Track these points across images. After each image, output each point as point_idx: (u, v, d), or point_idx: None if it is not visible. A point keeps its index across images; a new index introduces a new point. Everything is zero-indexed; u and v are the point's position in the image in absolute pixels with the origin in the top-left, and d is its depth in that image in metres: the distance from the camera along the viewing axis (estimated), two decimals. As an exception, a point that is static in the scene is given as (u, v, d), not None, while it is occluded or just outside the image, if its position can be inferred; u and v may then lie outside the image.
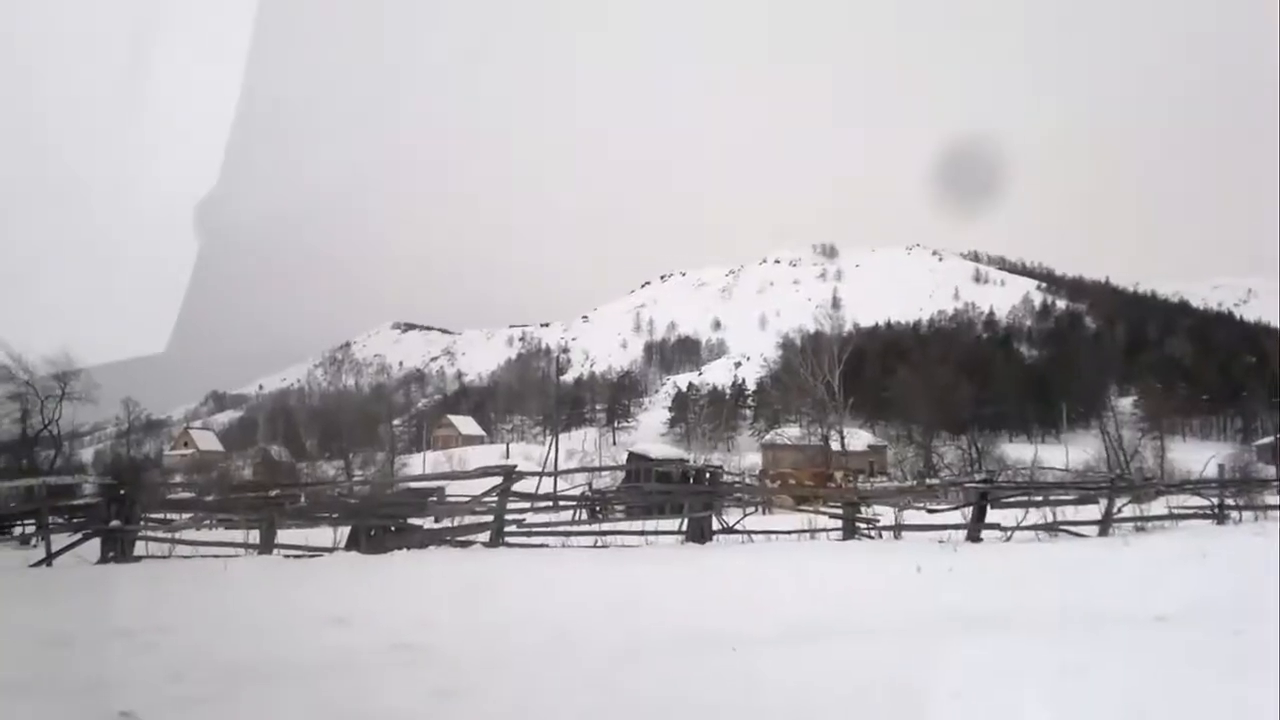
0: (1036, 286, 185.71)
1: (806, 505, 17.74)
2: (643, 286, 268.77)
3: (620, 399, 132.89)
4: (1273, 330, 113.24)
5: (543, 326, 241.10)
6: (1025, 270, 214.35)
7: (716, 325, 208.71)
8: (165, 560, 11.93)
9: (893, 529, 15.11)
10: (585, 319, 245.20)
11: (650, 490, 17.86)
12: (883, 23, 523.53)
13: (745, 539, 14.28)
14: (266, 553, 12.36)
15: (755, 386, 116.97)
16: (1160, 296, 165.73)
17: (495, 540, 13.17)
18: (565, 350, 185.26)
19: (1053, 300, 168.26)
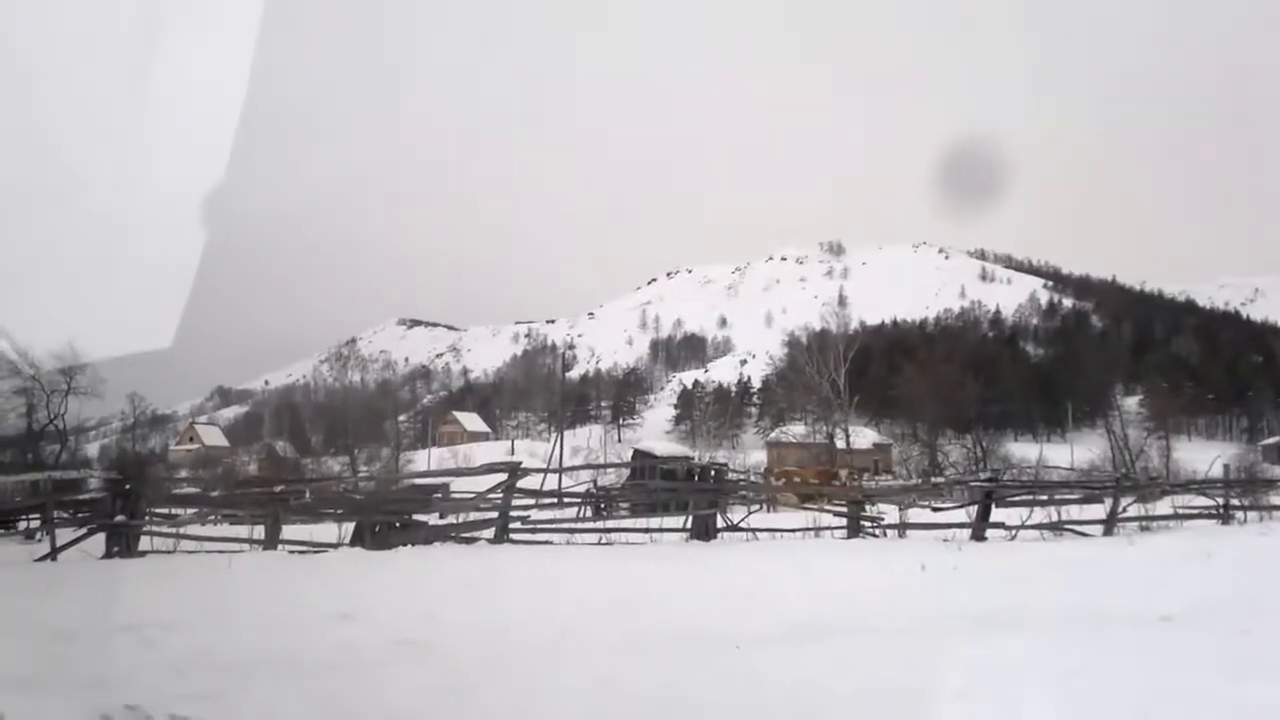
0: (1043, 285, 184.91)
1: (811, 503, 17.70)
2: (649, 283, 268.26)
3: (625, 396, 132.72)
4: (1279, 330, 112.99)
5: (548, 323, 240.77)
6: (1032, 268, 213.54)
7: (722, 322, 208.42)
8: (170, 555, 11.93)
9: (897, 527, 15.08)
10: (591, 316, 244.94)
11: (655, 488, 17.82)
12: (886, 22, 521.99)
13: (750, 537, 14.23)
14: (271, 548, 12.36)
15: (761, 384, 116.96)
16: (1167, 295, 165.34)
17: (500, 537, 13.16)
18: (571, 347, 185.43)
19: (1059, 299, 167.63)
